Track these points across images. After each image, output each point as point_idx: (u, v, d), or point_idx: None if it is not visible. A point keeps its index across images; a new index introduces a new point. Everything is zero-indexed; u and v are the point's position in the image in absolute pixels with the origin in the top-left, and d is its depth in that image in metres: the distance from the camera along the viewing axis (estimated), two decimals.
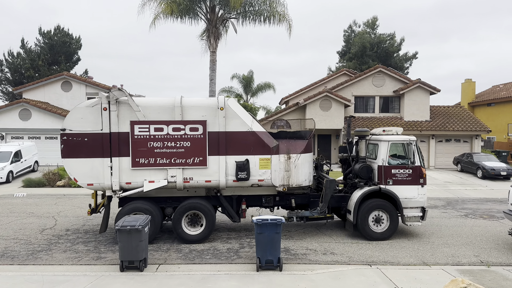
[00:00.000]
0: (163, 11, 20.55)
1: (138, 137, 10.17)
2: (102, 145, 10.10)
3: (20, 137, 28.98)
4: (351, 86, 31.41)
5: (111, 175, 10.16)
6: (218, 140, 10.37)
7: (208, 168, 10.39)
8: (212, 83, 21.85)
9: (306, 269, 8.77)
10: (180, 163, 10.30)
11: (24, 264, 9.20)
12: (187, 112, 10.33)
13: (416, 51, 54.21)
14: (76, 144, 10.07)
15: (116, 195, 10.36)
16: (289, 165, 10.60)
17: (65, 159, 10.17)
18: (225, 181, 10.46)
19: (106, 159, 10.14)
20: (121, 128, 10.16)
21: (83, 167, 10.12)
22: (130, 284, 7.84)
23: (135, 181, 10.30)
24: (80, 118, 10.10)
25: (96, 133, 10.09)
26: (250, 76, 52.43)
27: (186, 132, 10.28)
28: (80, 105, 10.32)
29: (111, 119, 10.08)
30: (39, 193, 19.17)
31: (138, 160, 10.20)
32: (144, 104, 10.32)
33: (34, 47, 45.90)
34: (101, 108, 10.07)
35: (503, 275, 8.42)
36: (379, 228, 11.10)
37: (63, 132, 10.12)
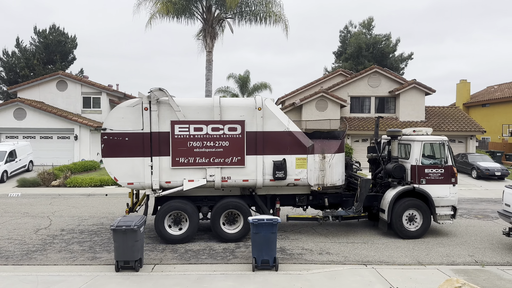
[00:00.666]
0: (159, 11, 20.51)
1: (178, 136, 10.28)
2: (142, 144, 10.19)
3: (14, 137, 28.82)
4: (347, 87, 31.47)
5: (152, 174, 10.24)
6: (255, 139, 10.48)
7: (246, 167, 10.49)
8: (208, 83, 21.82)
9: (302, 269, 8.78)
10: (219, 162, 10.41)
11: (19, 264, 9.15)
12: (225, 112, 10.44)
13: (412, 52, 54.39)
14: (117, 144, 10.15)
15: (156, 194, 10.38)
16: (324, 165, 10.75)
17: (105, 159, 10.23)
18: (262, 180, 10.56)
19: (147, 158, 10.22)
20: (161, 127, 10.26)
21: (124, 166, 10.19)
22: (126, 284, 7.82)
23: (174, 180, 10.38)
24: (121, 118, 10.19)
25: (137, 132, 10.19)
26: (247, 76, 52.40)
27: (224, 132, 10.40)
28: (121, 105, 10.40)
29: (151, 119, 10.18)
30: (34, 193, 19.07)
31: (178, 159, 10.30)
32: (184, 104, 10.41)
33: (29, 46, 45.68)
34: (142, 108, 10.18)
35: (498, 274, 8.47)
36: (412, 226, 11.30)
37: (104, 131, 10.17)
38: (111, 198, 18.07)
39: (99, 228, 12.38)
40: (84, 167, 25.04)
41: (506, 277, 8.28)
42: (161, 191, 10.37)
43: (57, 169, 22.46)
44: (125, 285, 7.80)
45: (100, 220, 13.48)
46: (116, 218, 10.67)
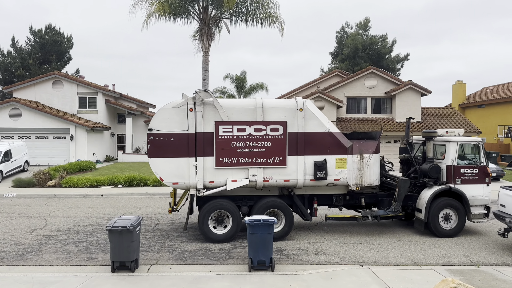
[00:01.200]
0: (155, 11, 20.47)
1: (222, 137, 10.46)
2: (187, 145, 10.35)
3: (10, 137, 28.70)
4: (344, 87, 31.52)
5: (196, 174, 10.41)
6: (297, 140, 10.66)
7: (287, 167, 10.66)
8: (205, 83, 21.81)
9: (298, 269, 8.78)
10: (261, 162, 10.58)
11: (14, 265, 9.10)
12: (267, 113, 10.61)
13: (408, 53, 54.57)
14: (162, 144, 10.32)
15: (200, 193, 10.51)
16: (362, 165, 10.96)
17: (151, 159, 10.39)
18: (303, 180, 10.72)
19: (192, 158, 10.38)
20: (205, 128, 10.43)
21: (169, 166, 10.35)
22: (121, 285, 7.80)
23: (218, 180, 10.55)
24: (167, 119, 10.33)
25: (182, 133, 10.35)
26: (243, 77, 52.39)
27: (267, 133, 10.58)
28: (167, 106, 10.50)
29: (196, 119, 10.35)
30: (29, 193, 18.98)
31: (222, 159, 10.48)
32: (227, 105, 10.60)
33: (25, 46, 45.49)
34: (187, 109, 10.33)
35: (493, 275, 8.51)
36: (447, 225, 11.49)
37: (150, 132, 10.33)
38: (107, 199, 18.02)
39: (95, 229, 12.34)
40: (80, 167, 24.96)
41: (501, 278, 8.32)
42: (205, 191, 10.53)
43: (53, 169, 22.38)
44: (120, 285, 7.78)
45: (96, 221, 13.44)
46: (112, 219, 10.66)
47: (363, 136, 12.13)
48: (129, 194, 18.96)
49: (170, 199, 13.04)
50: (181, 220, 13.53)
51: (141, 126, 35.25)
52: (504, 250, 10.36)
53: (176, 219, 13.62)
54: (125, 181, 20.99)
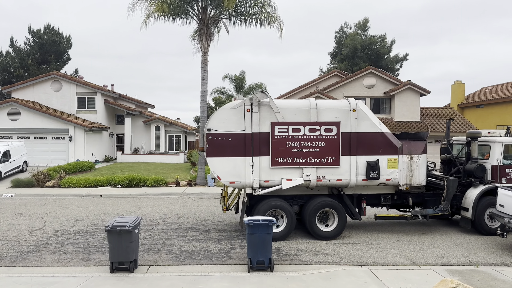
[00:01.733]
0: (154, 11, 20.43)
1: (277, 137, 10.66)
2: (244, 144, 10.57)
3: (8, 137, 28.66)
4: (343, 87, 31.53)
5: (252, 174, 10.61)
6: (349, 140, 10.87)
7: (340, 167, 10.87)
8: (203, 83, 21.79)
9: (297, 269, 8.77)
10: (315, 162, 10.78)
11: (12, 265, 9.08)
12: (321, 114, 10.82)
13: (407, 53, 54.60)
14: (220, 144, 10.53)
15: (256, 192, 10.70)
16: (412, 165, 11.17)
17: (209, 158, 10.59)
18: (355, 180, 10.94)
19: (248, 158, 10.60)
20: (261, 128, 10.65)
21: (226, 165, 10.57)
22: (120, 286, 7.78)
23: (273, 180, 10.75)
24: (224, 119, 10.55)
25: (239, 133, 10.56)
26: (242, 77, 52.39)
27: (321, 133, 10.77)
28: (225, 107, 10.79)
29: (253, 120, 10.57)
30: (28, 193, 18.96)
31: (277, 159, 10.69)
32: (282, 106, 10.81)
33: (23, 46, 45.46)
34: (245, 109, 10.57)
35: (492, 275, 8.51)
36: (493, 224, 11.67)
37: (209, 132, 10.53)
38: (105, 199, 18.01)
39: (94, 229, 12.33)
40: (79, 168, 24.93)
41: (500, 278, 8.32)
42: (260, 190, 10.70)
43: (52, 169, 22.36)
44: (119, 286, 7.76)
45: (95, 221, 13.43)
46: (110, 219, 10.64)
47: (411, 137, 12.35)
48: (128, 194, 18.94)
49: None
50: (180, 220, 13.53)
51: (140, 126, 35.23)
52: (503, 250, 10.37)
53: (175, 220, 13.61)
54: (124, 181, 20.98)
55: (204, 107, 21.97)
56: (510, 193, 10.17)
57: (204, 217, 14.02)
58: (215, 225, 12.89)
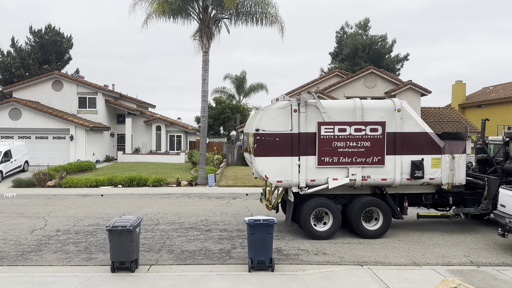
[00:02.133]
0: (155, 11, 20.43)
1: (324, 137, 10.81)
2: (291, 144, 10.71)
3: (10, 137, 28.70)
4: (343, 87, 31.51)
5: (299, 173, 10.77)
6: (394, 140, 11.02)
7: (385, 167, 11.02)
8: (204, 83, 21.79)
9: (298, 269, 8.78)
10: (360, 162, 10.93)
11: (14, 265, 9.10)
12: (366, 114, 10.96)
13: (408, 53, 54.57)
14: (268, 144, 10.67)
15: (302, 191, 10.87)
16: (453, 164, 11.31)
17: (257, 157, 10.72)
18: (400, 179, 11.10)
19: (295, 157, 10.75)
20: (308, 128, 10.79)
21: (274, 165, 10.72)
22: (121, 285, 7.79)
23: (319, 179, 10.91)
24: (272, 119, 10.70)
25: (286, 133, 10.72)
26: (243, 77, 52.42)
27: (366, 133, 10.91)
28: (272, 107, 10.88)
29: (300, 120, 10.73)
30: (29, 193, 18.99)
31: (323, 158, 10.84)
32: (328, 106, 10.96)
33: (24, 46, 45.48)
34: (291, 110, 10.72)
35: (493, 275, 8.50)
36: None
37: (257, 132, 10.65)
38: (106, 199, 18.02)
39: (95, 229, 12.34)
40: (80, 168, 24.95)
41: (501, 278, 8.32)
42: (307, 189, 10.86)
43: (53, 169, 22.38)
44: (120, 285, 7.77)
45: (96, 221, 13.44)
46: (111, 219, 10.66)
47: (452, 136, 12.47)
48: (129, 194, 18.96)
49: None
50: (180, 220, 13.54)
51: (141, 126, 35.25)
52: (504, 250, 10.36)
53: (176, 219, 13.62)
54: (125, 181, 21.00)
55: (205, 107, 21.97)
56: (511, 193, 10.15)
57: (205, 217, 14.03)
58: (216, 224, 12.90)
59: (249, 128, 11.79)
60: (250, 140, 11.33)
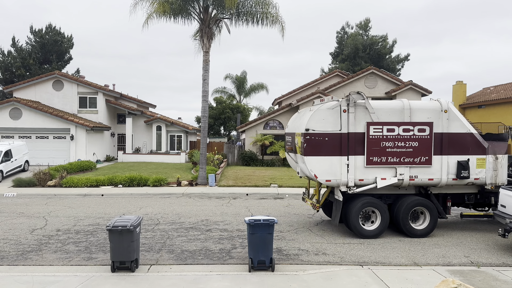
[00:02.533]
0: (156, 11, 20.43)
1: (372, 137, 10.96)
2: (340, 144, 10.89)
3: (10, 137, 28.73)
4: (344, 87, 31.53)
5: (348, 172, 10.95)
6: (441, 140, 11.20)
7: (432, 167, 11.19)
8: (205, 83, 21.79)
9: (298, 269, 8.77)
10: (408, 162, 11.09)
11: (14, 264, 9.09)
12: (414, 114, 11.13)
13: (408, 53, 54.62)
14: (317, 143, 10.83)
15: (351, 191, 11.03)
16: (497, 165, 11.49)
17: (307, 157, 10.86)
18: (446, 179, 11.28)
19: (344, 157, 10.92)
20: (357, 128, 10.96)
21: (323, 164, 10.88)
22: (122, 285, 7.79)
23: (367, 178, 11.07)
24: (322, 119, 10.85)
25: (335, 133, 10.88)
26: (243, 77, 52.48)
27: (414, 133, 11.09)
28: (322, 107, 10.99)
29: (349, 120, 10.90)
30: (30, 193, 18.99)
31: (372, 158, 10.99)
32: (376, 106, 11.10)
33: (25, 46, 45.52)
34: (341, 110, 10.90)
35: (493, 275, 8.50)
36: None
37: (307, 132, 10.79)
38: (107, 199, 18.03)
39: (95, 229, 12.34)
40: (80, 167, 24.96)
41: (501, 278, 8.31)
42: (355, 188, 11.02)
43: (53, 169, 22.38)
44: (120, 285, 7.77)
45: (96, 221, 13.44)
46: (112, 219, 10.66)
47: (495, 137, 12.62)
48: (129, 194, 18.96)
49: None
50: (181, 220, 13.54)
51: (141, 126, 35.27)
52: (505, 251, 10.35)
53: (176, 219, 13.62)
54: (125, 181, 21.00)
55: (205, 107, 21.97)
56: (511, 193, 10.15)
57: (205, 217, 14.03)
58: (216, 224, 12.89)
59: (295, 128, 11.97)
60: (297, 139, 11.48)
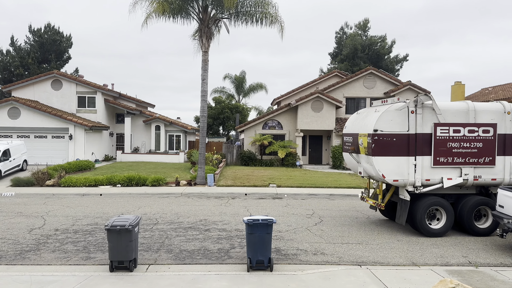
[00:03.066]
0: (155, 11, 20.41)
1: (439, 138, 11.30)
2: (408, 144, 11.17)
3: (8, 136, 28.68)
4: (343, 88, 31.55)
5: (415, 172, 11.23)
6: (504, 141, 11.59)
7: (495, 167, 11.57)
8: (204, 83, 21.78)
9: (296, 269, 8.78)
10: (472, 162, 11.43)
11: (12, 264, 9.09)
12: (479, 116, 11.48)
13: (407, 54, 54.63)
14: (386, 144, 11.10)
15: (418, 190, 11.34)
16: None
17: (375, 157, 11.14)
18: (509, 179, 11.63)
19: (411, 157, 11.21)
20: (424, 129, 11.27)
21: (391, 164, 11.15)
22: (120, 285, 7.79)
23: (433, 178, 11.39)
24: (390, 120, 11.13)
25: (403, 133, 11.16)
26: (242, 77, 52.49)
27: (479, 134, 11.44)
28: (390, 109, 11.26)
29: (417, 121, 11.20)
30: (28, 192, 18.96)
31: (438, 159, 11.33)
32: (443, 108, 11.42)
33: (24, 45, 45.46)
34: (409, 111, 11.20)
35: (491, 275, 8.52)
36: None
37: (375, 132, 11.06)
38: (105, 198, 18.01)
39: (94, 228, 12.33)
40: (79, 167, 24.93)
41: (499, 278, 8.33)
42: (422, 188, 11.32)
43: (52, 168, 22.34)
44: (119, 285, 7.77)
45: (95, 220, 13.43)
46: (110, 218, 10.65)
47: None
48: (128, 193, 18.95)
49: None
50: (179, 220, 13.53)
51: (140, 126, 35.24)
52: (503, 251, 10.38)
53: (175, 219, 13.62)
54: (124, 180, 20.98)
55: (204, 107, 21.96)
56: (509, 194, 10.17)
57: (204, 217, 14.02)
58: (215, 224, 12.89)
59: (358, 128, 12.23)
60: (362, 140, 11.75)
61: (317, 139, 32.40)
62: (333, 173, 26.47)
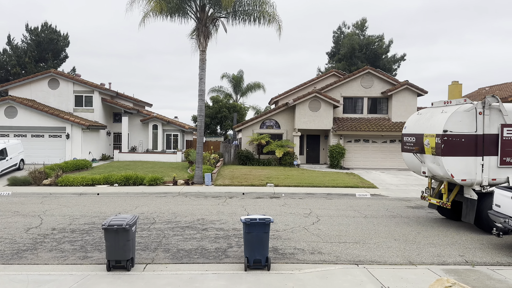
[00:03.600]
0: (153, 9, 20.36)
1: (506, 138, 11.75)
2: (475, 145, 11.58)
3: (5, 135, 28.57)
4: (340, 87, 31.58)
5: (482, 172, 11.64)
6: None
7: None
8: (201, 82, 21.76)
9: (294, 268, 8.79)
10: None
11: (9, 263, 9.06)
12: None
13: (404, 53, 54.71)
14: (454, 144, 11.48)
15: (484, 190, 11.75)
16: None
17: (444, 157, 11.50)
18: None
19: (479, 157, 11.63)
20: (491, 130, 11.69)
21: (459, 164, 11.55)
22: (117, 284, 7.78)
23: (499, 178, 11.83)
24: (458, 121, 11.53)
25: (471, 134, 11.57)
26: (240, 76, 52.50)
27: None
28: (459, 110, 11.64)
29: (484, 122, 11.62)
30: (25, 191, 18.91)
31: (505, 159, 11.75)
32: (509, 109, 11.88)
33: (20, 44, 45.32)
34: (476, 112, 11.62)
35: (488, 274, 8.55)
36: None
37: (445, 133, 11.42)
38: (102, 197, 17.98)
39: (91, 227, 12.31)
40: (76, 166, 24.88)
41: (496, 277, 8.36)
42: (488, 187, 11.72)
43: (49, 167, 22.29)
44: (116, 284, 7.76)
45: (92, 219, 13.41)
46: (107, 218, 10.63)
47: None
48: (125, 193, 18.92)
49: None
50: (177, 219, 13.52)
51: (138, 125, 35.18)
52: (499, 250, 10.42)
53: (172, 218, 13.61)
54: (121, 180, 20.95)
55: (202, 106, 21.95)
56: (506, 193, 10.21)
57: (201, 216, 14.02)
58: (212, 223, 12.89)
59: (422, 129, 12.55)
60: (428, 140, 12.07)
61: (314, 139, 32.44)
62: (330, 172, 26.52)
